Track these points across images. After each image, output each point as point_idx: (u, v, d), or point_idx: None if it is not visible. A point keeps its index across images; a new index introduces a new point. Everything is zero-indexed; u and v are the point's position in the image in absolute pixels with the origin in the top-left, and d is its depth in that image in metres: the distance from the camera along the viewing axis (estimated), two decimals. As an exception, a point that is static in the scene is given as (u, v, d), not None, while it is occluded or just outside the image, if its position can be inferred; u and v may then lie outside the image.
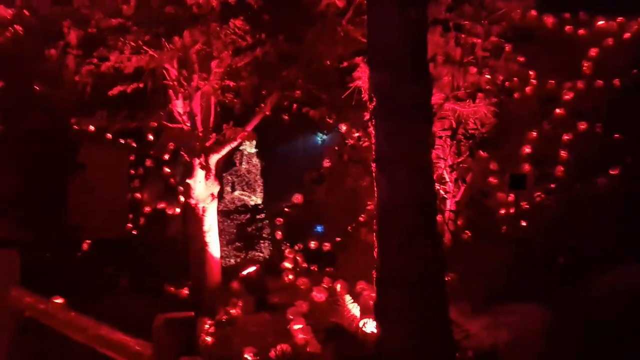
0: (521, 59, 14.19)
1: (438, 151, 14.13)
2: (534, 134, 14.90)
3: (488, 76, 12.44)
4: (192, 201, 10.40)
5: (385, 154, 5.72)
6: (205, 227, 10.46)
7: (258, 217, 15.55)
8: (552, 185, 12.02)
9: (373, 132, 5.90)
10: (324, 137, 16.88)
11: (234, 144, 10.24)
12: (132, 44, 8.97)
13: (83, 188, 12.85)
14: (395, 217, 5.68)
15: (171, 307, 10.35)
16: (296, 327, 9.10)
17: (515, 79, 14.81)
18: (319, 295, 10.67)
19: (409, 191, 5.61)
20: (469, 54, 10.68)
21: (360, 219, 16.16)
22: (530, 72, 15.74)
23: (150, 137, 17.24)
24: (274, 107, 10.32)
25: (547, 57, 15.97)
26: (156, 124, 10.26)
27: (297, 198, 16.77)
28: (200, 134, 9.75)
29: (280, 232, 15.39)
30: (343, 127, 16.89)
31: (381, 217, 5.83)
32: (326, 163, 16.34)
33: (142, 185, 17.21)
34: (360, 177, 14.71)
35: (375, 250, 6.08)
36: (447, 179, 14.06)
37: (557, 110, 15.21)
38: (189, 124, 10.07)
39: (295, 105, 11.18)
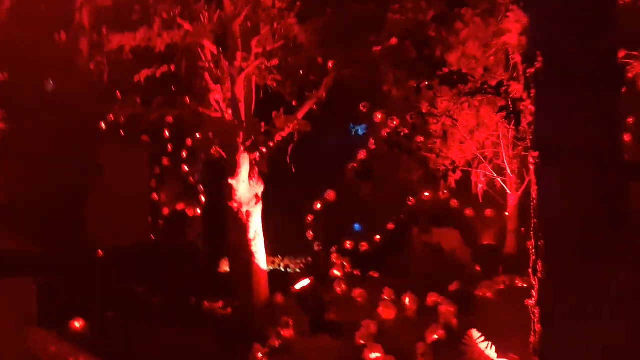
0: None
1: (495, 138, 12.46)
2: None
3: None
4: (235, 204, 8.53)
5: (556, 137, 3.91)
6: (251, 235, 8.61)
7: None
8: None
9: (531, 108, 4.08)
10: (358, 128, 15.03)
11: (283, 136, 8.39)
12: (165, 15, 7.15)
13: (102, 191, 11.02)
14: (573, 229, 3.89)
15: (217, 334, 8.61)
16: (373, 356, 7.32)
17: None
18: (386, 311, 8.89)
19: (594, 192, 3.84)
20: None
21: (402, 216, 14.49)
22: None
23: (167, 133, 15.59)
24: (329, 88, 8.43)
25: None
26: (188, 115, 8.42)
27: (330, 195, 14.98)
28: (245, 125, 7.90)
29: (311, 233, 13.63)
30: (378, 116, 15.07)
31: (549, 228, 4.02)
32: (362, 155, 14.58)
33: (159, 186, 15.50)
34: (411, 170, 12.97)
35: (537, 274, 4.27)
36: (508, 170, 12.35)
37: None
38: (230, 113, 8.23)
39: (324, 94, 9.27)
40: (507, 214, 12.36)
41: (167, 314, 8.66)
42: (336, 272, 10.83)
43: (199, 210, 15.63)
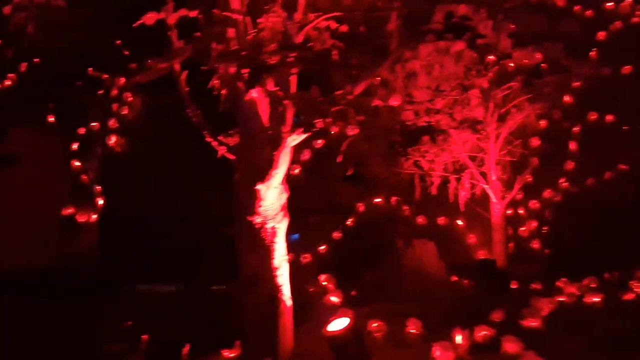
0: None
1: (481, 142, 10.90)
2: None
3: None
4: (258, 219, 5.82)
5: None
6: (276, 261, 5.95)
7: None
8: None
9: None
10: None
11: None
12: None
13: (10, 191, 7.46)
14: None
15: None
16: None
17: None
18: (444, 355, 6.70)
19: None
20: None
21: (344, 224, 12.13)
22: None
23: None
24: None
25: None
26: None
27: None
28: (299, 101, 5.19)
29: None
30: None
31: None
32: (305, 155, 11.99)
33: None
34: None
35: None
36: (493, 176, 10.82)
37: None
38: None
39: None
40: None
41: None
42: (333, 299, 8.37)
43: (94, 217, 12.31)
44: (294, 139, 5.42)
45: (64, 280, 8.92)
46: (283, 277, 5.95)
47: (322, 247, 11.56)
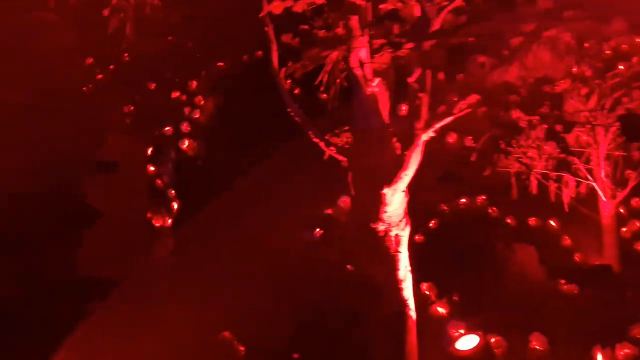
0: None
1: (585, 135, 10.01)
2: None
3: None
4: (381, 226, 5.25)
5: None
6: (401, 273, 5.39)
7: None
8: None
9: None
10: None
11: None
12: None
13: (106, 198, 7.19)
14: None
15: None
16: None
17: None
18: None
19: None
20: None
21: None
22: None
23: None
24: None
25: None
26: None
27: (344, 201, 11.71)
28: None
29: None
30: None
31: None
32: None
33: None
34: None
35: None
36: (603, 174, 9.92)
37: None
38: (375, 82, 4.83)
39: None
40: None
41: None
42: (440, 309, 7.70)
43: (169, 221, 12.08)
44: (428, 136, 4.84)
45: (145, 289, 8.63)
46: (408, 290, 5.36)
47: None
